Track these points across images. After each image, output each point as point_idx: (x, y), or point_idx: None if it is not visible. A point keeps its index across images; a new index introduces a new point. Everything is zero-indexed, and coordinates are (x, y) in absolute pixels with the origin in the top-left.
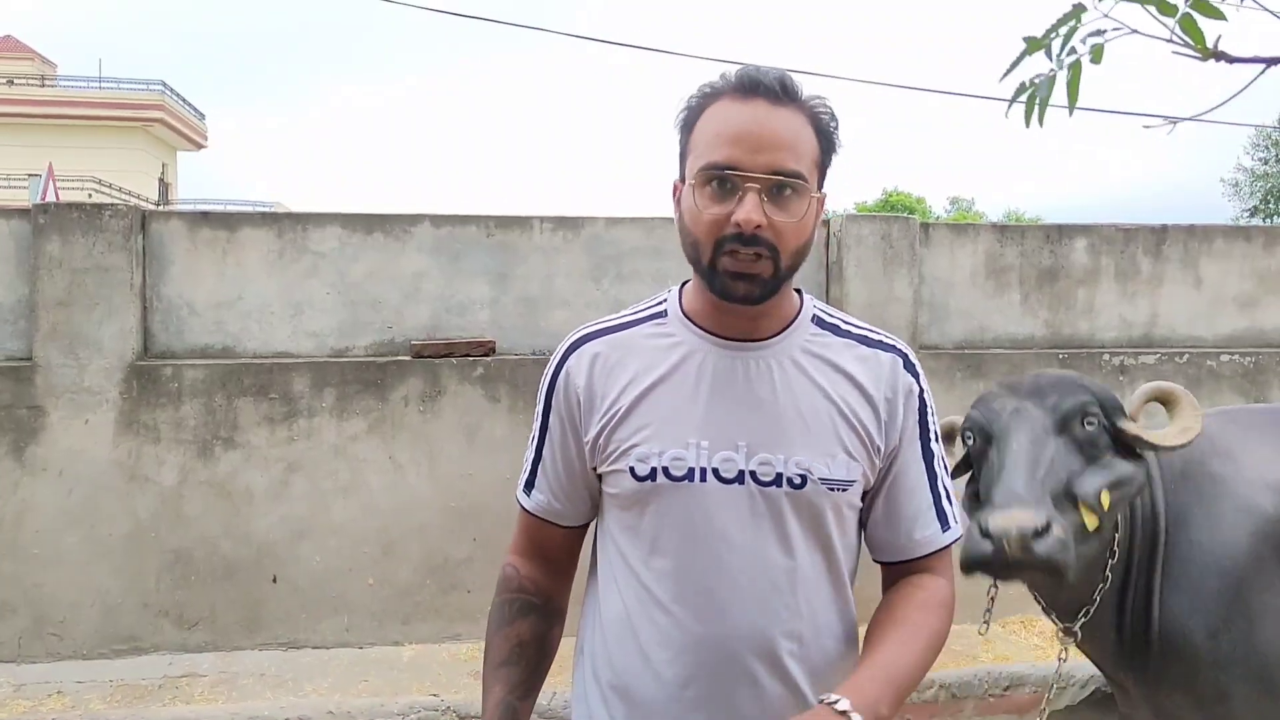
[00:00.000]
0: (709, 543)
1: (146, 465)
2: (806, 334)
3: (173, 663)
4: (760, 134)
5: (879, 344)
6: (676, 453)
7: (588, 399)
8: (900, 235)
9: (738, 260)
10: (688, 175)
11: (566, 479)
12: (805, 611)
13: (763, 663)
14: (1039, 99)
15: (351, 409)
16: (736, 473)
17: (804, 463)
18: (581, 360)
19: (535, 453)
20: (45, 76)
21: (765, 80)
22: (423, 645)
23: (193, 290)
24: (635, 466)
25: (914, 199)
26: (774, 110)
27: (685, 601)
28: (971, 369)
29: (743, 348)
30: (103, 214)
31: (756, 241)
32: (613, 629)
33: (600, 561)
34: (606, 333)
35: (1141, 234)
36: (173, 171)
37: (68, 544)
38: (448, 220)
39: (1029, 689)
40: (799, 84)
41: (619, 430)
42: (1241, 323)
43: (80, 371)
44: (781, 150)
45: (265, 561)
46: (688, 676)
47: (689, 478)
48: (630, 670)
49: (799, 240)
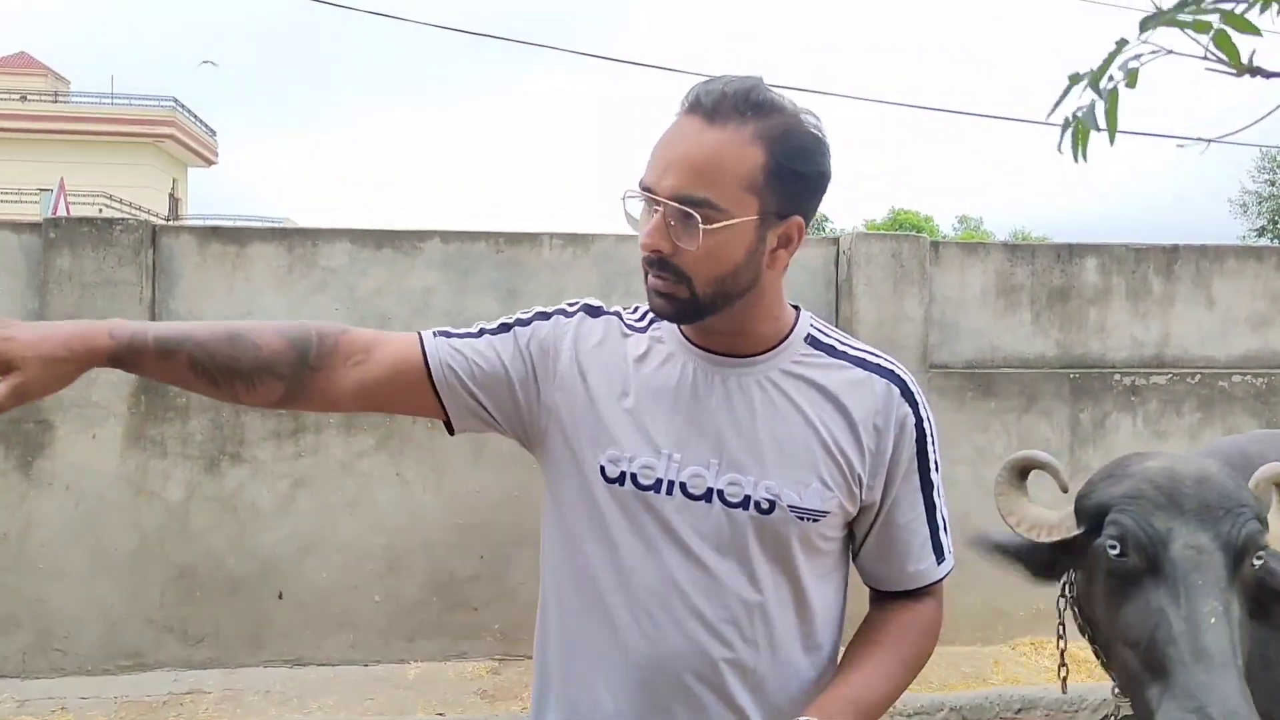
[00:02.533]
0: (665, 557)
1: (153, 480)
2: (796, 354)
3: (178, 679)
4: (671, 155)
5: (876, 368)
6: (647, 461)
7: (568, 367)
8: (910, 254)
9: (655, 280)
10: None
11: (479, 376)
12: (763, 643)
13: (709, 690)
14: (1084, 133)
15: (359, 425)
16: (705, 490)
17: (774, 488)
18: (583, 329)
19: (477, 332)
20: (58, 93)
21: (705, 96)
22: (429, 663)
23: (202, 305)
24: (606, 466)
25: (921, 217)
26: (704, 129)
27: (634, 615)
28: (982, 388)
29: (727, 363)
30: (113, 228)
31: (664, 266)
32: (556, 638)
33: (548, 567)
34: (613, 320)
35: (1153, 253)
36: (183, 187)
37: (73, 558)
38: (457, 236)
39: (1040, 712)
40: (762, 99)
41: (589, 419)
42: (1254, 343)
43: (88, 386)
44: (690, 174)
45: (271, 577)
46: (629, 694)
47: (655, 489)
48: (576, 683)
49: (714, 269)
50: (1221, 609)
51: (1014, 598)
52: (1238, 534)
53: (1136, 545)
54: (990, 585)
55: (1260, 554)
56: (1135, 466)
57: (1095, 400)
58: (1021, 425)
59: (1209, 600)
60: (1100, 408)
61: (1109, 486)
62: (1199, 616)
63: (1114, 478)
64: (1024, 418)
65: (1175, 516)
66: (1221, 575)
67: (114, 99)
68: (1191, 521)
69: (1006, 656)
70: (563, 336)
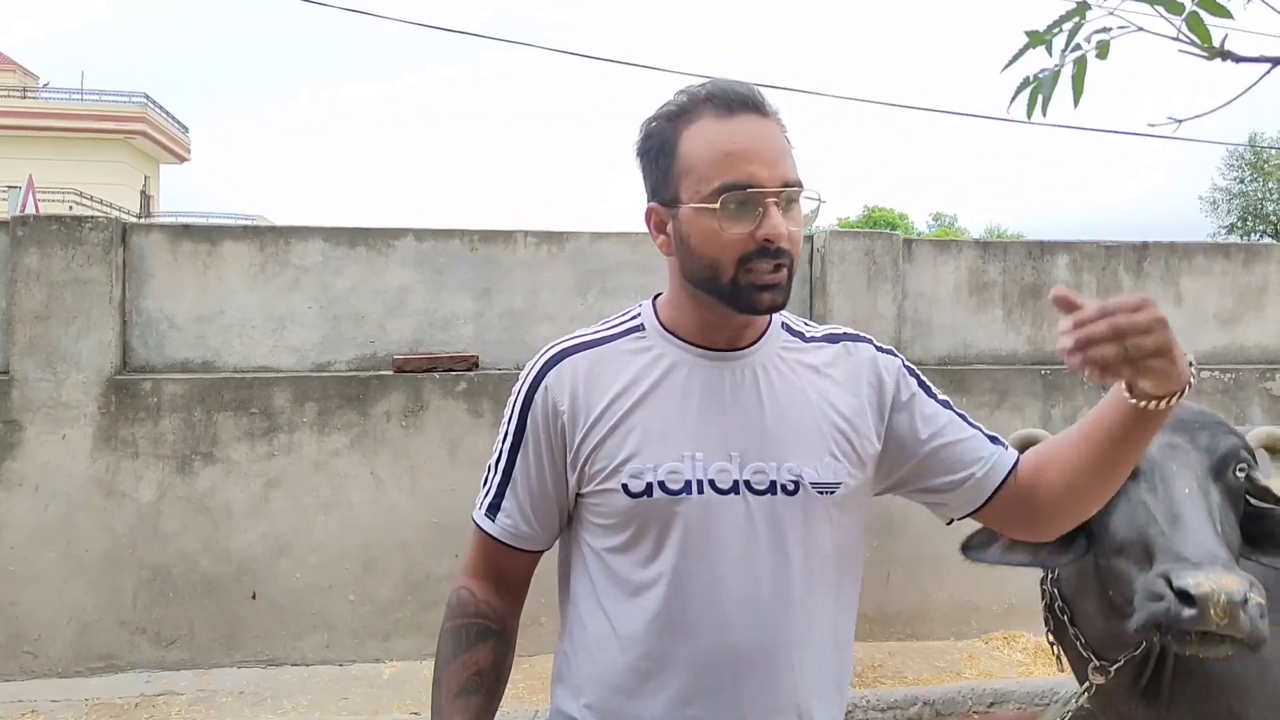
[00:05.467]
0: (708, 556)
1: (124, 481)
2: (781, 340)
3: (150, 681)
4: (765, 148)
5: (845, 337)
6: (672, 466)
7: (571, 415)
8: (884, 251)
9: (760, 274)
10: (691, 198)
11: (540, 501)
12: (802, 619)
13: (765, 676)
14: (1043, 94)
15: (333, 424)
16: (731, 483)
17: (795, 468)
18: (562, 375)
19: (503, 475)
20: (27, 89)
21: (745, 94)
22: (404, 662)
23: (173, 304)
24: (629, 483)
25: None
26: (763, 123)
27: (686, 618)
28: (955, 384)
29: (724, 357)
30: (82, 226)
31: (780, 254)
32: (599, 651)
33: (578, 583)
34: (585, 347)
35: (1123, 251)
36: (155, 184)
37: (44, 560)
38: (431, 234)
39: (1013, 705)
40: (764, 96)
41: (606, 446)
42: (1222, 339)
43: (58, 386)
44: (786, 160)
45: (245, 578)
46: (689, 695)
47: (686, 490)
48: (622, 691)
49: (798, 247)
50: (1197, 487)
51: (987, 593)
52: (1216, 443)
53: None
54: (963, 580)
55: (1243, 466)
56: None
57: (1066, 396)
58: (994, 421)
59: (1184, 481)
60: (1072, 403)
61: None
62: (1174, 493)
63: None
64: (996, 413)
65: None
66: (1199, 469)
67: (84, 95)
68: (1168, 431)
69: (980, 651)
70: (554, 396)
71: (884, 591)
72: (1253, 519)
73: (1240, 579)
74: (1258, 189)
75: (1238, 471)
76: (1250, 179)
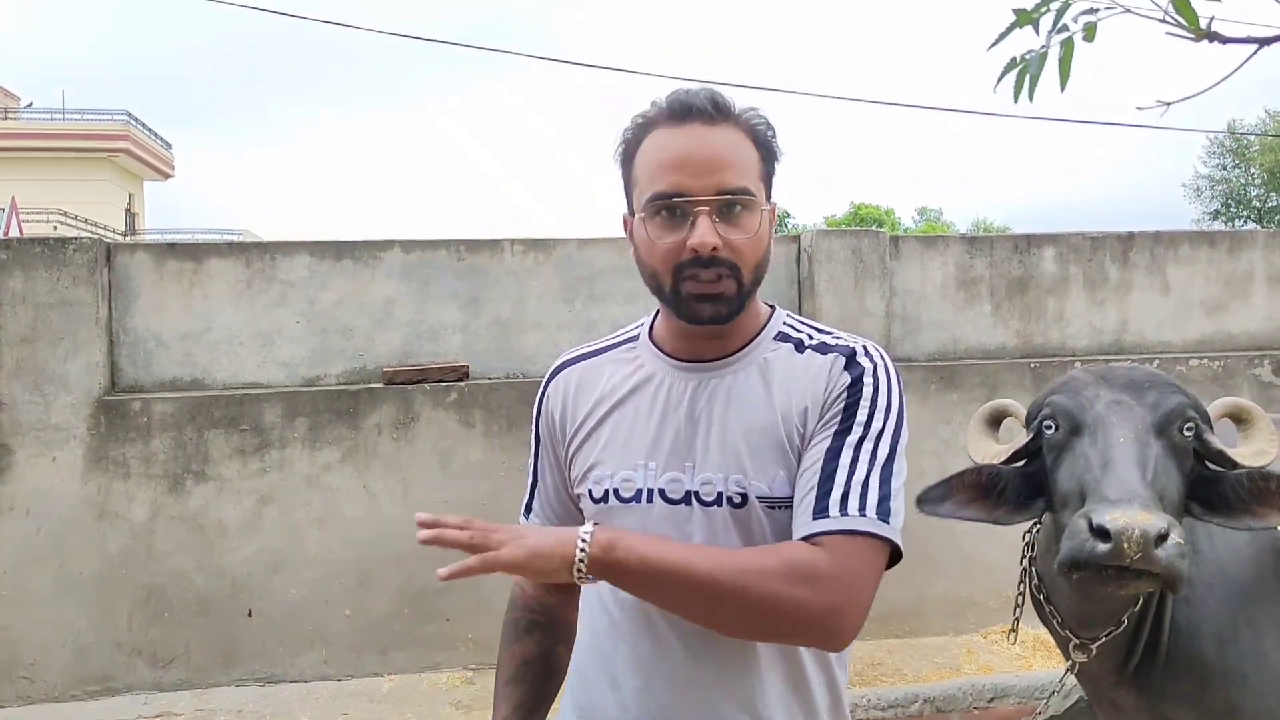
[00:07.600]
0: None
1: (116, 501)
2: (766, 350)
3: (147, 702)
4: (701, 156)
5: (833, 348)
6: (626, 475)
7: (561, 423)
8: (870, 249)
9: (700, 284)
10: (636, 208)
11: (558, 502)
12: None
13: (710, 683)
14: (1030, 75)
15: (324, 438)
16: (683, 493)
17: (743, 481)
18: (558, 386)
19: (532, 477)
20: (8, 109)
21: (696, 102)
22: (402, 675)
23: (160, 323)
24: (593, 489)
25: (882, 211)
26: (710, 130)
27: (625, 624)
28: (945, 380)
29: (698, 368)
30: (66, 248)
31: (716, 263)
32: (583, 653)
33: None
34: (583, 358)
35: (1109, 241)
36: (140, 202)
37: (37, 584)
38: (417, 245)
39: (1013, 700)
40: (730, 100)
41: (582, 453)
42: (1209, 327)
43: (46, 408)
44: (724, 169)
45: (240, 596)
46: (653, 703)
47: (636, 499)
48: (599, 695)
49: (756, 254)
50: (1134, 438)
51: (984, 587)
52: (1163, 401)
53: (1065, 414)
54: (960, 575)
55: (1190, 424)
56: (1074, 371)
57: None
58: None
59: (1121, 432)
60: None
61: (1051, 390)
62: (1110, 442)
63: (1057, 383)
64: None
65: (1102, 387)
66: (1141, 424)
67: (66, 114)
68: (1116, 389)
69: (978, 646)
70: (551, 405)
71: (881, 589)
72: (1207, 482)
73: (1158, 517)
74: (1240, 175)
75: (1185, 429)
76: (1233, 165)
